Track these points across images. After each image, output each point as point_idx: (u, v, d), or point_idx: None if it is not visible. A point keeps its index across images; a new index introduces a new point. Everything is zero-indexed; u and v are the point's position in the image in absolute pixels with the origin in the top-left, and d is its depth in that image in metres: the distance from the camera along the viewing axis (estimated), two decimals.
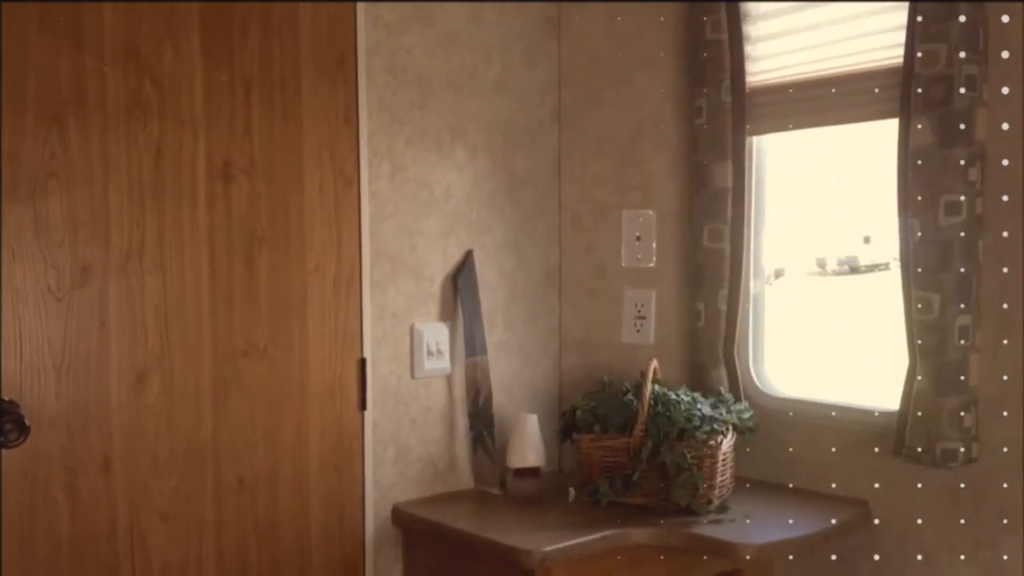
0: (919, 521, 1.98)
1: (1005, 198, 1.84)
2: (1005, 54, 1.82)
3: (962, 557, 1.92)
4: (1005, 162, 1.84)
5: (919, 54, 1.84)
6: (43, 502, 1.65)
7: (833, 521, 1.97)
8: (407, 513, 2.08)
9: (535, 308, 2.38)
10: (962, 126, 1.82)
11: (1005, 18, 1.81)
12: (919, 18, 1.84)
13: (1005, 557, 1.87)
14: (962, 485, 1.91)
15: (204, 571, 1.83)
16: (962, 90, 1.80)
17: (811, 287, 2.63)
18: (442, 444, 2.20)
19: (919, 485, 1.97)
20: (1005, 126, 1.83)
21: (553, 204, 2.42)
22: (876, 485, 2.05)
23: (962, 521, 1.92)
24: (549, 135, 2.40)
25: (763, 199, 2.25)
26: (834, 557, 2.12)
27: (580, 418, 2.13)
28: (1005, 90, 1.83)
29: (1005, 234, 1.85)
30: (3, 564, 1.61)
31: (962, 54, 1.79)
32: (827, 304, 2.64)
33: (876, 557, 2.05)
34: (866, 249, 2.62)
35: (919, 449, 1.90)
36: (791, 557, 2.10)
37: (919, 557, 1.98)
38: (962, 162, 1.82)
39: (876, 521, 2.04)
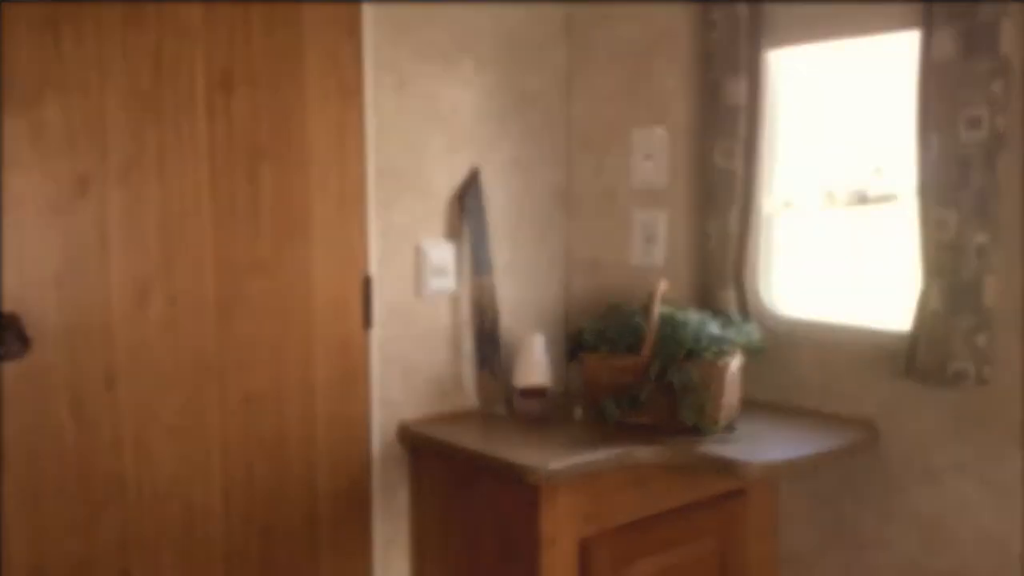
0: (926, 442, 1.98)
1: None
2: None
3: (969, 477, 1.92)
4: None
5: None
6: (48, 416, 1.64)
7: (840, 441, 1.97)
8: (413, 431, 2.08)
9: (542, 229, 2.35)
10: (986, 38, 1.76)
11: None
12: None
13: (1012, 477, 1.86)
14: (971, 406, 1.90)
15: (211, 486, 1.83)
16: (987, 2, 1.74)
17: (820, 218, 2.59)
18: (448, 364, 2.19)
19: (927, 406, 1.97)
20: None
21: (562, 121, 2.37)
22: (884, 406, 2.04)
23: (970, 442, 1.91)
24: (558, 49, 2.34)
25: (777, 119, 2.20)
26: (839, 477, 2.12)
27: (587, 339, 2.11)
28: None
29: None
30: (9, 478, 1.61)
31: None
32: (836, 235, 2.60)
33: (882, 478, 2.05)
34: (876, 180, 2.58)
35: (930, 370, 1.88)
36: (796, 476, 2.11)
37: (925, 477, 1.98)
38: (985, 75, 1.76)
39: (883, 442, 2.04)
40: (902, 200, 2.32)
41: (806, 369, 2.17)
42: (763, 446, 1.93)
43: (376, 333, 2.05)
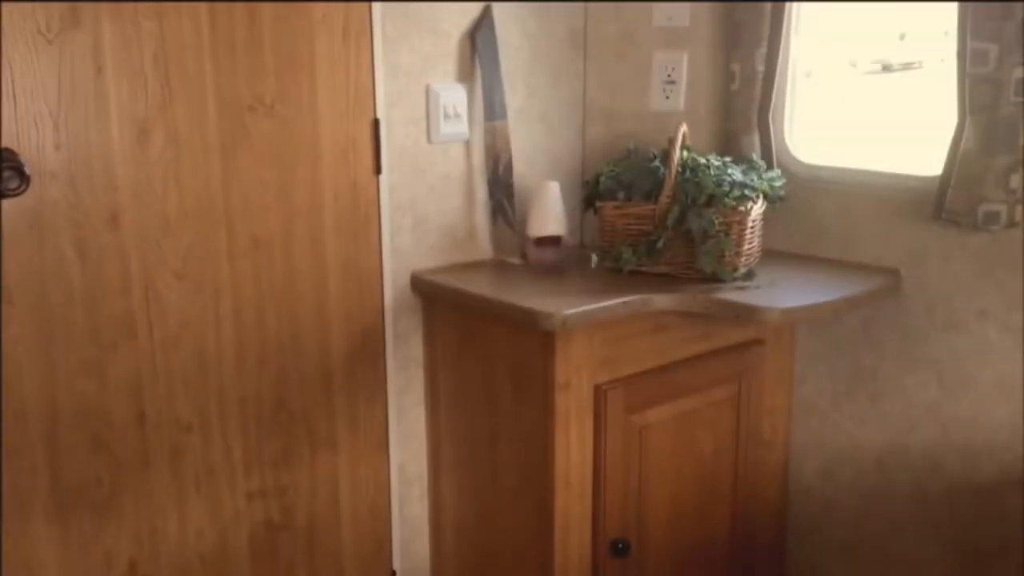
0: (949, 288, 1.93)
1: None
2: None
3: (991, 323, 1.88)
4: None
5: None
6: (52, 255, 1.61)
7: (861, 288, 1.92)
8: (426, 280, 2.05)
9: (558, 72, 2.24)
10: None
11: None
12: None
13: None
14: (999, 250, 1.85)
15: (222, 331, 1.81)
16: None
17: (842, 86, 2.49)
18: (461, 213, 2.14)
19: (953, 252, 1.91)
20: None
21: None
22: (908, 253, 1.99)
23: (994, 288, 1.87)
24: None
25: None
26: (858, 326, 2.09)
27: (604, 185, 2.04)
28: None
29: None
30: (17, 318, 1.59)
31: None
32: (859, 102, 2.51)
33: (902, 326, 2.02)
34: (900, 48, 2.48)
35: (959, 212, 1.81)
36: (816, 323, 2.08)
37: (947, 324, 1.95)
38: None
39: (905, 289, 2.00)
40: (927, 68, 2.23)
41: (829, 218, 2.12)
42: (783, 293, 1.89)
43: (386, 179, 1.99)
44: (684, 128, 1.99)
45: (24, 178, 1.52)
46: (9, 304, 1.58)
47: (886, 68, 2.56)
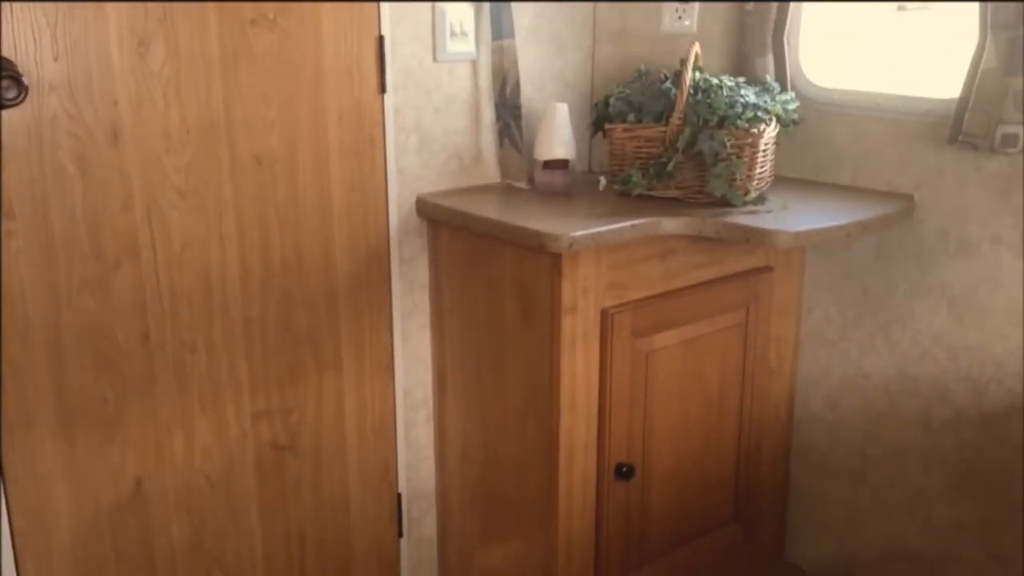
0: (964, 213, 1.90)
1: None
2: None
3: (1005, 249, 1.86)
4: None
5: None
6: (53, 170, 1.58)
7: (874, 212, 1.89)
8: (432, 203, 2.02)
9: None
10: None
11: None
12: None
13: None
14: (1016, 174, 1.81)
15: (226, 250, 1.79)
16: None
17: (859, 11, 2.43)
18: (467, 135, 2.10)
19: (968, 176, 1.88)
20: None
21: None
22: (922, 178, 1.95)
23: (1009, 212, 1.84)
24: None
25: None
26: (868, 253, 2.07)
27: (614, 107, 2.00)
28: None
29: None
30: (20, 233, 1.57)
31: None
32: (875, 27, 2.45)
33: (914, 252, 2.00)
34: None
35: (977, 134, 1.77)
36: (827, 247, 2.05)
37: (960, 250, 1.92)
38: None
39: (918, 214, 1.97)
40: (938, 9, 2.17)
41: (842, 143, 2.08)
42: (794, 217, 1.86)
43: (391, 99, 1.95)
44: (697, 48, 1.94)
45: (22, 88, 1.49)
46: (10, 218, 1.56)
47: (901, 8, 2.51)
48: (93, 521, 1.74)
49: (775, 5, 2.03)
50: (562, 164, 2.07)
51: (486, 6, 2.03)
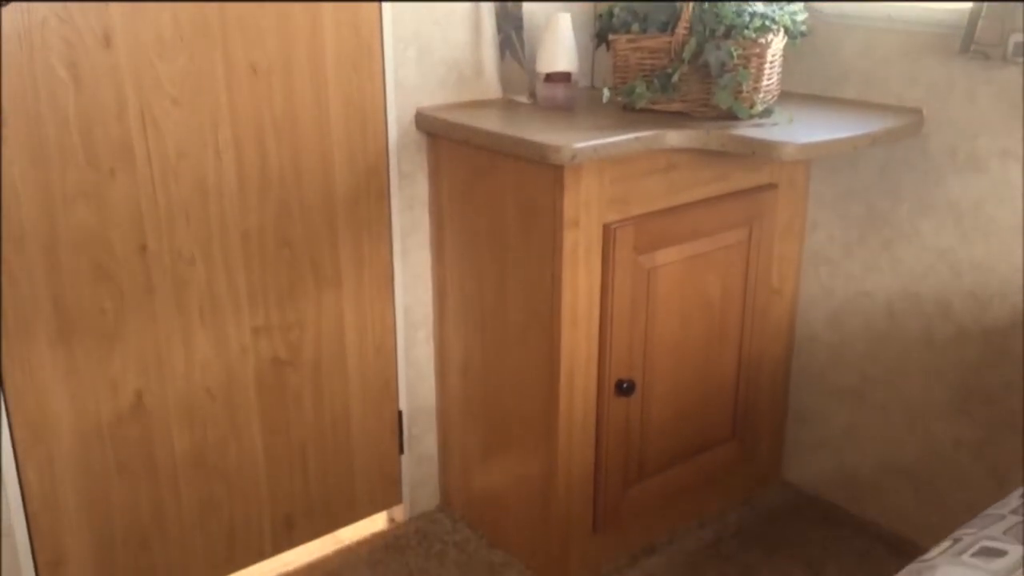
0: (973, 127, 1.87)
1: None
2: None
3: (1014, 162, 1.83)
4: None
5: None
6: (45, 76, 1.54)
7: (882, 125, 1.86)
8: (431, 116, 1.98)
9: None
10: None
11: None
12: None
13: None
14: None
15: (222, 161, 1.77)
16: None
17: None
18: (467, 47, 2.05)
19: (978, 88, 1.84)
20: None
21: None
22: (932, 91, 1.92)
23: (1019, 125, 1.80)
24: None
25: None
26: (875, 169, 2.04)
27: (618, 17, 1.96)
28: None
29: None
30: (12, 141, 1.53)
31: None
32: None
33: (921, 167, 1.97)
34: None
35: (989, 44, 1.73)
36: (833, 158, 2.02)
37: (968, 165, 1.89)
38: None
39: (927, 129, 1.94)
40: None
41: (851, 57, 2.03)
42: (800, 130, 1.82)
43: (389, 8, 1.90)
44: None
45: None
46: (2, 125, 1.53)
47: None
48: (94, 432, 1.75)
49: None
50: (564, 77, 2.02)
51: None
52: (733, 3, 1.86)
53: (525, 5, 2.06)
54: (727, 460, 2.26)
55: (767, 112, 1.90)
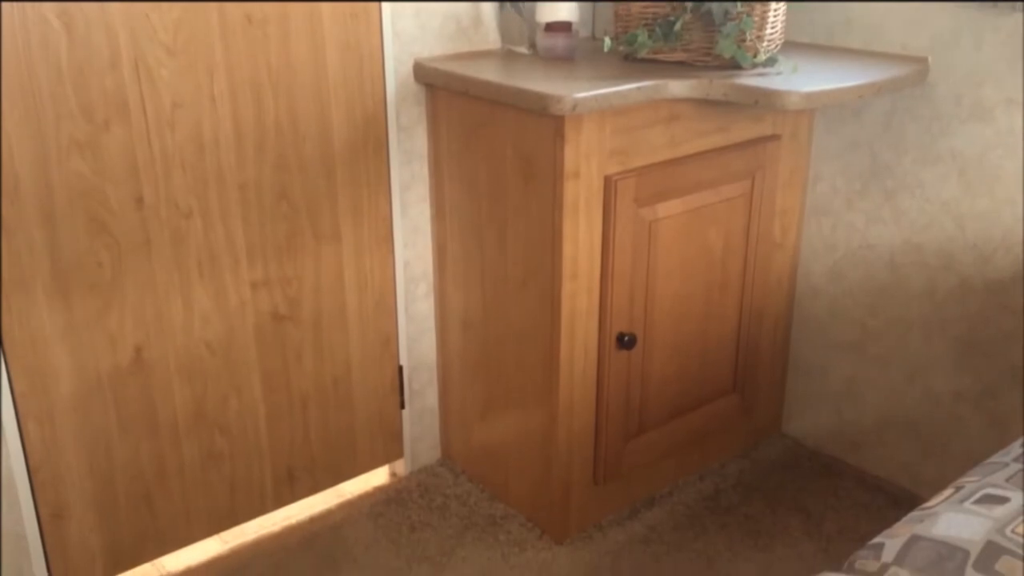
0: (979, 75, 1.84)
1: None
2: None
3: (1020, 111, 1.80)
4: None
5: None
6: (37, 25, 1.51)
7: (887, 73, 1.84)
8: (430, 67, 1.95)
9: None
10: None
11: None
12: None
13: None
14: None
15: (218, 112, 1.74)
16: None
17: None
18: None
19: (985, 35, 1.81)
20: None
21: None
22: (938, 39, 1.89)
23: None
24: None
25: None
26: (878, 120, 2.02)
27: None
28: None
29: None
30: (5, 87, 1.51)
31: None
32: None
33: (926, 117, 1.95)
34: None
35: None
36: (837, 106, 2.00)
37: (974, 114, 1.87)
38: None
39: (932, 77, 1.91)
40: None
41: (855, 5, 2.00)
42: (805, 79, 1.80)
43: None
44: None
45: None
46: None
47: None
48: (94, 387, 1.74)
49: None
50: (565, 27, 1.99)
51: None
52: None
53: None
54: (727, 413, 2.27)
55: (771, 61, 1.88)
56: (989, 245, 1.91)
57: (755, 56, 1.84)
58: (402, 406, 2.22)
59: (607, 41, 1.91)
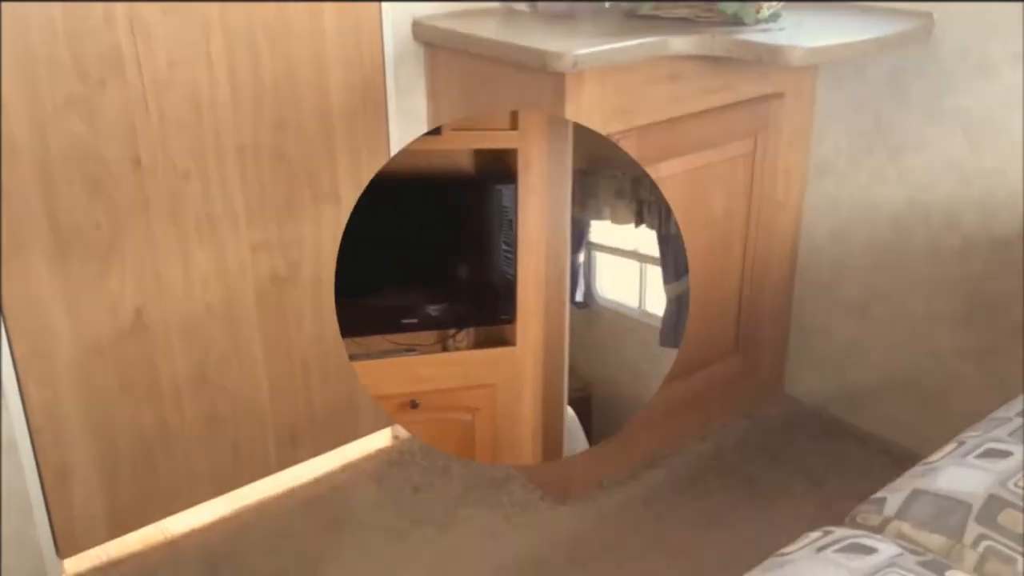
0: (985, 31, 1.82)
1: None
2: None
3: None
4: None
5: None
6: None
7: (892, 29, 1.81)
8: (429, 26, 1.93)
9: None
10: None
11: None
12: None
13: None
14: None
15: (214, 72, 1.72)
16: None
17: None
18: None
19: None
20: None
21: None
22: None
23: None
24: None
25: None
26: (883, 77, 2.00)
27: None
28: None
29: None
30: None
31: None
32: None
33: (931, 74, 1.92)
34: None
35: None
36: (841, 62, 1.97)
37: (979, 71, 1.85)
38: None
39: (937, 33, 1.88)
40: None
41: None
42: (808, 35, 1.77)
43: None
44: None
45: None
46: None
47: None
48: (95, 349, 1.74)
49: None
50: None
51: None
52: None
53: None
54: (730, 374, 2.27)
55: (774, 17, 1.85)
56: (993, 203, 1.89)
57: (758, 12, 1.82)
58: None
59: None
